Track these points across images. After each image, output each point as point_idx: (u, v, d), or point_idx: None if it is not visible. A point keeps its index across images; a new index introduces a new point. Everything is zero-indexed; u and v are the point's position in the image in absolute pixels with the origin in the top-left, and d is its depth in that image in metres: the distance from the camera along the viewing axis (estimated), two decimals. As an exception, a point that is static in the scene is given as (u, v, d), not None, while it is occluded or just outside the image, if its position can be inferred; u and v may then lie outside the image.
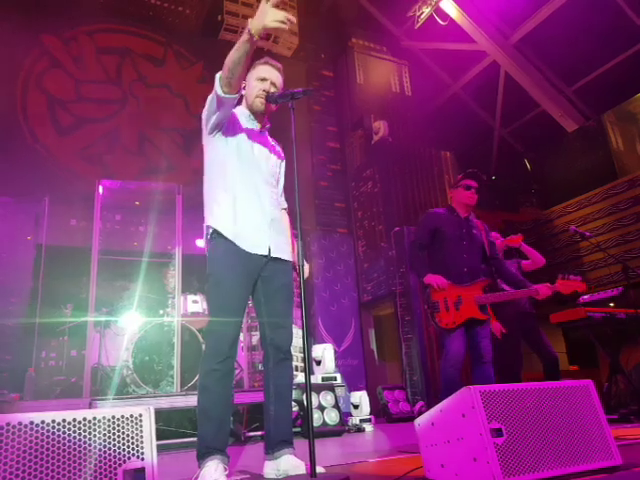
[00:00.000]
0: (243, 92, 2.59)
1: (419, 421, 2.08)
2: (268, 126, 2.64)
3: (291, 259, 2.51)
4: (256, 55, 2.55)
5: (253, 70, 2.57)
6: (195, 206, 2.53)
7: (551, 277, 5.43)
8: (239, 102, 2.59)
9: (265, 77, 2.53)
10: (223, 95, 2.28)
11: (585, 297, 5.19)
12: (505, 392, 1.83)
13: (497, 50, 8.48)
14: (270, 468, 2.31)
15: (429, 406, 5.18)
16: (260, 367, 5.85)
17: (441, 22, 8.52)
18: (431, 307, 3.58)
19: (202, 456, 2.15)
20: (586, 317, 4.47)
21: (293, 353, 2.50)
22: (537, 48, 8.25)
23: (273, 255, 2.41)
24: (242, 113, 2.58)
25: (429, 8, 8.58)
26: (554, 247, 8.22)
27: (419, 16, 8.81)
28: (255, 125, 2.57)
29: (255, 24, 2.09)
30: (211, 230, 2.37)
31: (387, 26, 9.34)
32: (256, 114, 2.56)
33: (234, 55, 2.17)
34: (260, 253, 2.38)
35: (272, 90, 2.51)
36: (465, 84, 9.43)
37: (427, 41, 9.13)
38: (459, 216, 3.81)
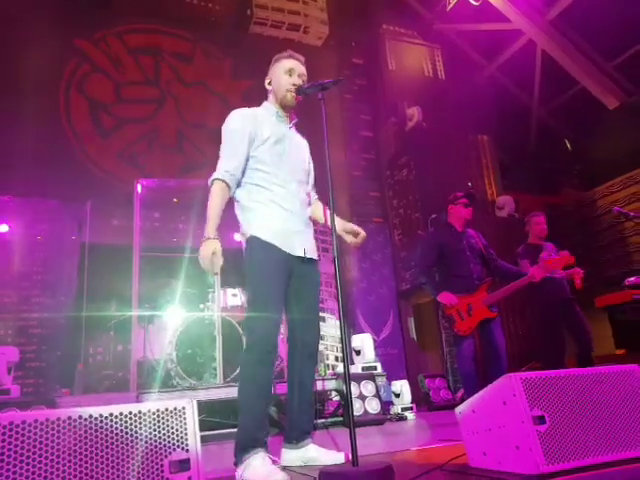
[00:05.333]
0: (269, 87, 2.60)
1: (460, 409, 2.06)
2: (295, 121, 2.63)
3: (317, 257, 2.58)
4: (283, 47, 2.56)
5: (278, 64, 2.57)
6: (231, 201, 2.56)
7: (595, 260, 5.27)
8: (266, 97, 2.62)
9: (292, 68, 2.53)
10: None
11: (631, 279, 5.03)
12: (547, 379, 1.79)
13: (533, 28, 8.19)
14: (294, 456, 2.39)
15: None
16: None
17: (474, 2, 8.30)
18: (448, 320, 4.15)
19: (245, 449, 2.14)
20: (632, 300, 4.33)
21: (333, 344, 2.54)
22: (575, 24, 7.92)
23: (308, 256, 2.47)
24: (270, 112, 2.57)
25: (461, -11, 8.38)
26: (598, 229, 7.95)
27: (450, -2, 8.62)
28: (285, 122, 2.57)
29: (199, 255, 2.25)
30: (249, 235, 2.41)
31: (418, 10, 9.17)
32: (285, 109, 2.57)
33: (207, 215, 2.36)
34: (298, 255, 2.43)
35: (300, 82, 2.52)
36: (500, 65, 9.16)
37: (459, 23, 8.90)
38: (457, 231, 4.30)
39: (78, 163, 6.53)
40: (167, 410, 1.57)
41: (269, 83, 2.60)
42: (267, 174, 2.43)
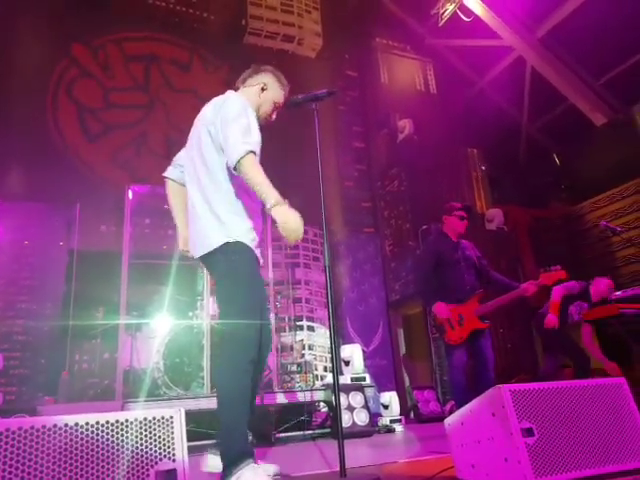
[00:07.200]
0: (260, 93, 2.53)
1: (449, 421, 2.06)
2: None
3: None
4: (281, 56, 2.56)
5: (278, 88, 2.55)
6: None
7: (582, 274, 5.34)
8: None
9: (280, 105, 2.57)
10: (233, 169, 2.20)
11: (618, 293, 5.08)
12: (536, 391, 1.80)
13: (523, 45, 8.33)
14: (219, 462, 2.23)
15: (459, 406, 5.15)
16: (289, 368, 5.88)
17: (465, 19, 8.43)
18: (439, 329, 4.11)
19: (235, 462, 2.05)
20: (618, 314, 4.36)
21: (322, 354, 2.52)
22: (564, 42, 8.07)
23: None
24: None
25: (453, 5, 8.50)
26: (585, 243, 8.03)
27: (442, 13, 8.74)
28: None
29: (285, 222, 2.05)
30: (233, 240, 2.26)
31: (411, 24, 9.28)
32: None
33: (257, 186, 2.11)
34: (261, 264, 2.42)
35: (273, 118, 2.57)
36: (491, 80, 9.29)
37: (451, 38, 9.04)
38: (452, 241, 4.28)
39: (66, 167, 6.48)
40: (154, 419, 1.55)
41: (262, 89, 2.53)
42: (241, 181, 2.29)
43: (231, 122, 2.23)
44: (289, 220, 2.05)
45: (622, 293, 5.01)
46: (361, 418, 4.56)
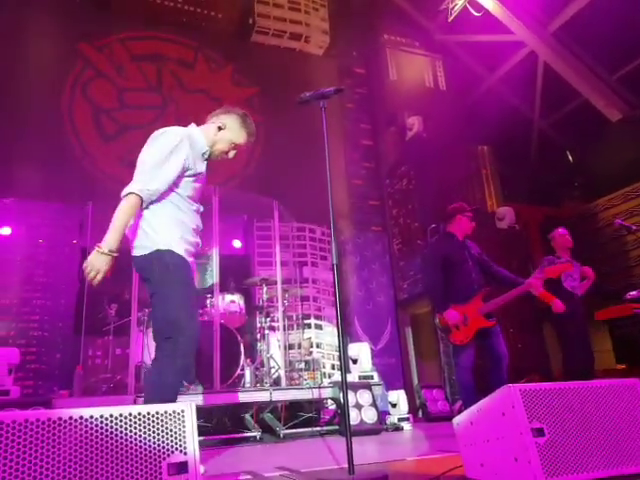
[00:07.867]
0: (217, 130, 2.61)
1: (458, 420, 2.06)
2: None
3: None
4: (287, 53, 2.57)
5: (242, 127, 2.61)
6: (230, 207, 2.57)
7: (595, 273, 5.27)
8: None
9: (240, 146, 2.63)
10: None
11: (632, 293, 5.03)
12: (547, 391, 1.79)
13: (535, 40, 8.24)
14: None
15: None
16: (297, 365, 5.90)
17: (475, 13, 8.35)
18: (444, 331, 4.11)
19: None
20: (633, 314, 4.32)
21: (330, 352, 2.52)
22: (577, 36, 7.95)
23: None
24: (201, 148, 2.57)
25: (462, 0, 8.44)
26: (599, 242, 7.95)
27: (452, 9, 8.67)
28: (204, 165, 2.61)
29: (88, 264, 2.28)
30: (166, 249, 2.40)
31: (419, 20, 9.22)
32: (210, 156, 2.62)
33: (111, 225, 2.32)
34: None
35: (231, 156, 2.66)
36: (502, 76, 9.19)
37: (461, 34, 8.96)
38: (459, 240, 4.26)
39: (80, 166, 6.54)
40: (166, 413, 1.58)
41: (220, 128, 2.60)
42: (181, 197, 2.49)
43: (147, 160, 2.49)
44: (92, 265, 2.26)
45: (637, 293, 4.95)
46: (369, 416, 4.57)
